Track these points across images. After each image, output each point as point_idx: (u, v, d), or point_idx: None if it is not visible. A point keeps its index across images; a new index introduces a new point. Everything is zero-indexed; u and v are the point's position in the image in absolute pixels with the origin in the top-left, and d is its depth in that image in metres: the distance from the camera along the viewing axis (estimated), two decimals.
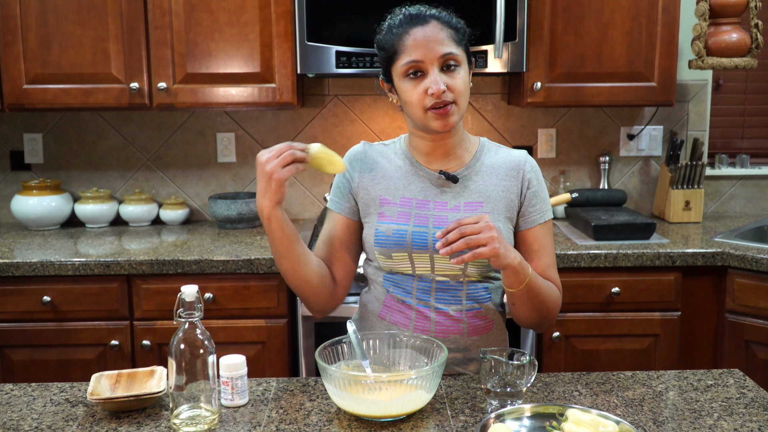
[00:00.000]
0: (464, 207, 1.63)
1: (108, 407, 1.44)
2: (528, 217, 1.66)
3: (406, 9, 1.61)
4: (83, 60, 2.70)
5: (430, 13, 1.58)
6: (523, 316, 1.62)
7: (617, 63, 2.76)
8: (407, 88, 1.57)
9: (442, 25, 1.56)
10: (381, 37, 1.62)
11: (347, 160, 1.71)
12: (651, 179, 3.22)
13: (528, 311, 1.60)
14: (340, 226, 1.70)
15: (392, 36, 1.58)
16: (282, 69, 2.72)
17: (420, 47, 1.53)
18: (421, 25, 1.55)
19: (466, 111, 3.11)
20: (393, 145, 1.73)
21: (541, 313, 1.62)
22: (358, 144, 1.74)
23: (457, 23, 1.60)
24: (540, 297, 1.58)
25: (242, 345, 2.52)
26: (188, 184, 3.17)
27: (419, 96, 1.55)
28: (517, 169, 1.67)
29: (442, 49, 1.54)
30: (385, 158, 1.70)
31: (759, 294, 2.50)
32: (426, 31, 1.55)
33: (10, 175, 3.15)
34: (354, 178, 1.69)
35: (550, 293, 1.62)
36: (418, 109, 1.56)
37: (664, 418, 1.40)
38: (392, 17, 1.62)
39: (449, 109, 1.55)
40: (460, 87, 1.55)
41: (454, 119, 1.56)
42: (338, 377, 1.36)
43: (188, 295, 1.35)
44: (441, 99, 1.53)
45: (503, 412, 1.34)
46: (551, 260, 1.68)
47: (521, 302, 1.58)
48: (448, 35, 1.56)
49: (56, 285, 2.52)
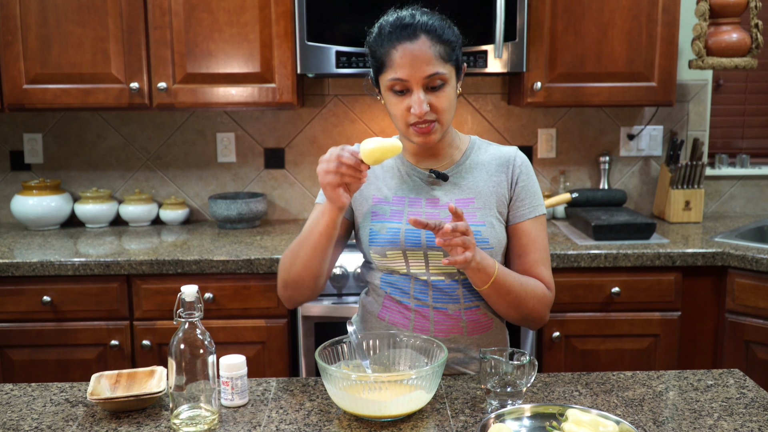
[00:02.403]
0: (456, 204, 1.63)
1: (108, 407, 1.44)
2: (517, 211, 1.66)
3: (398, 14, 1.58)
4: (83, 60, 2.70)
5: (421, 23, 1.54)
6: (501, 313, 1.64)
7: (617, 63, 2.76)
8: (392, 101, 1.58)
9: (432, 41, 1.53)
10: (371, 41, 1.60)
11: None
12: (651, 179, 3.22)
13: (503, 308, 1.61)
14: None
15: (381, 45, 1.56)
16: (282, 69, 2.72)
17: (406, 66, 1.52)
18: (410, 40, 1.52)
19: (466, 111, 3.11)
20: None
21: (520, 311, 1.61)
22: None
23: (450, 36, 1.56)
24: (513, 295, 1.58)
25: (242, 345, 2.52)
26: (188, 184, 3.17)
27: (402, 112, 1.56)
28: (507, 164, 1.67)
29: (429, 69, 1.52)
30: None
31: (759, 294, 2.50)
32: (414, 49, 1.52)
33: (10, 175, 3.15)
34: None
35: (528, 290, 1.60)
36: (401, 123, 1.58)
37: (664, 418, 1.40)
38: (384, 20, 1.59)
39: (431, 128, 1.56)
40: (444, 106, 1.55)
41: (435, 137, 1.58)
42: (338, 377, 1.36)
43: (188, 295, 1.35)
44: (423, 119, 1.54)
45: (503, 412, 1.34)
46: (541, 256, 1.66)
47: (492, 300, 1.59)
48: (437, 53, 1.53)
49: (56, 285, 2.52)
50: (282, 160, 3.16)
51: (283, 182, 3.18)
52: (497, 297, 1.58)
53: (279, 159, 3.16)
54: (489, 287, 1.55)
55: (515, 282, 1.59)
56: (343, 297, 2.54)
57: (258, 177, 3.17)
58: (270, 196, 3.18)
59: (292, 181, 3.17)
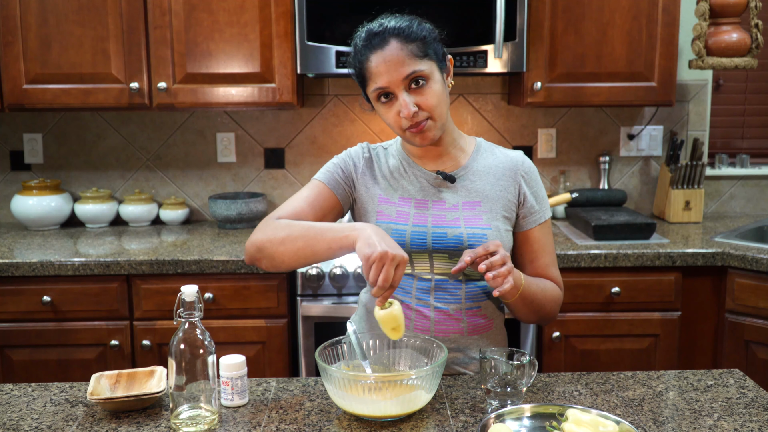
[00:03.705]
0: (462, 206, 1.64)
1: (108, 407, 1.44)
2: (528, 218, 1.67)
3: (368, 27, 1.57)
4: (83, 60, 2.70)
5: (389, 28, 1.54)
6: (521, 318, 1.67)
7: (617, 63, 2.76)
8: (382, 111, 1.58)
9: (402, 43, 1.52)
10: (350, 60, 1.61)
11: (349, 156, 1.70)
12: (651, 179, 3.22)
13: (525, 315, 1.64)
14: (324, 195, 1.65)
15: (358, 61, 1.57)
16: (282, 69, 2.72)
17: (382, 74, 1.52)
18: (381, 48, 1.52)
19: (466, 111, 3.11)
20: (391, 147, 1.74)
21: (539, 314, 1.66)
22: (362, 143, 1.74)
23: (420, 32, 1.55)
24: (536, 302, 1.61)
25: (242, 345, 2.52)
26: (188, 184, 3.17)
27: (394, 118, 1.56)
28: (514, 170, 1.68)
29: (404, 70, 1.51)
30: (384, 159, 1.71)
31: (759, 294, 2.50)
32: (385, 55, 1.52)
33: (10, 175, 3.15)
34: (358, 170, 1.69)
35: (547, 295, 1.64)
36: (397, 129, 1.58)
37: (664, 418, 1.40)
38: (357, 36, 1.59)
39: (424, 126, 1.55)
40: (431, 102, 1.54)
41: (432, 134, 1.58)
42: (338, 377, 1.36)
43: (188, 295, 1.35)
44: (414, 120, 1.54)
45: (503, 412, 1.34)
46: (551, 258, 1.70)
47: (517, 309, 1.61)
48: (409, 52, 1.52)
49: (56, 285, 2.51)
50: (282, 160, 3.16)
51: (283, 182, 3.17)
52: (522, 306, 1.60)
53: (279, 159, 3.16)
54: (517, 298, 1.57)
55: (537, 290, 1.61)
56: (343, 297, 2.54)
57: (258, 177, 3.17)
58: (270, 196, 3.18)
59: (292, 181, 3.17)
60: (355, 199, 1.70)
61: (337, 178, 1.68)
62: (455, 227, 1.61)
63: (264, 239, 1.54)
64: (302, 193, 1.66)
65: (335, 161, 1.71)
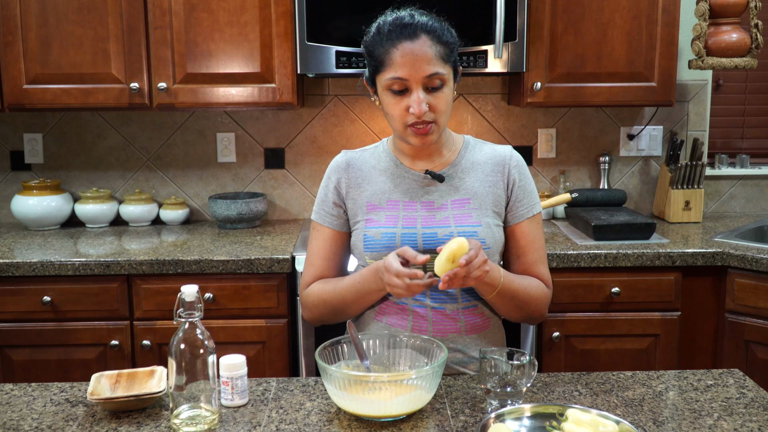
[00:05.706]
0: (451, 205, 1.64)
1: (108, 407, 1.44)
2: (515, 212, 1.67)
3: (397, 14, 1.57)
4: (83, 60, 2.70)
5: (421, 23, 1.53)
6: (504, 315, 1.67)
7: (617, 63, 2.76)
8: (390, 101, 1.56)
9: (432, 41, 1.52)
10: (369, 41, 1.58)
11: (329, 180, 1.72)
12: (651, 179, 3.22)
13: (505, 311, 1.65)
14: (330, 239, 1.72)
15: (380, 44, 1.54)
16: (282, 69, 2.72)
17: (407, 65, 1.51)
18: (411, 40, 1.51)
19: (466, 111, 3.11)
20: (374, 150, 1.73)
21: (523, 312, 1.65)
22: (339, 155, 1.74)
23: (449, 38, 1.56)
24: (518, 300, 1.61)
25: (242, 345, 2.52)
26: (188, 184, 3.17)
27: (401, 112, 1.55)
28: (503, 164, 1.68)
29: (429, 69, 1.52)
30: (367, 165, 1.70)
31: (759, 294, 2.50)
32: (414, 48, 1.51)
33: (10, 175, 3.15)
34: (341, 189, 1.70)
35: (531, 293, 1.63)
36: (399, 124, 1.58)
37: (664, 418, 1.40)
38: (382, 20, 1.58)
39: (429, 129, 1.56)
40: (442, 107, 1.56)
41: (432, 138, 1.58)
42: (338, 377, 1.36)
43: (188, 295, 1.35)
44: (421, 119, 1.54)
45: (503, 412, 1.34)
46: (539, 255, 1.68)
47: (497, 305, 1.63)
48: (437, 53, 1.53)
49: (56, 285, 2.52)
50: (282, 160, 3.16)
51: (283, 182, 3.18)
52: (501, 303, 1.61)
53: (279, 159, 3.16)
54: (495, 295, 1.58)
55: (519, 287, 1.61)
56: None
57: (258, 177, 3.17)
58: (270, 196, 3.18)
59: (292, 181, 3.17)
60: (346, 211, 1.71)
61: (331, 212, 1.70)
62: (445, 226, 1.61)
63: (318, 317, 1.72)
64: (312, 248, 1.73)
65: (321, 195, 1.73)
